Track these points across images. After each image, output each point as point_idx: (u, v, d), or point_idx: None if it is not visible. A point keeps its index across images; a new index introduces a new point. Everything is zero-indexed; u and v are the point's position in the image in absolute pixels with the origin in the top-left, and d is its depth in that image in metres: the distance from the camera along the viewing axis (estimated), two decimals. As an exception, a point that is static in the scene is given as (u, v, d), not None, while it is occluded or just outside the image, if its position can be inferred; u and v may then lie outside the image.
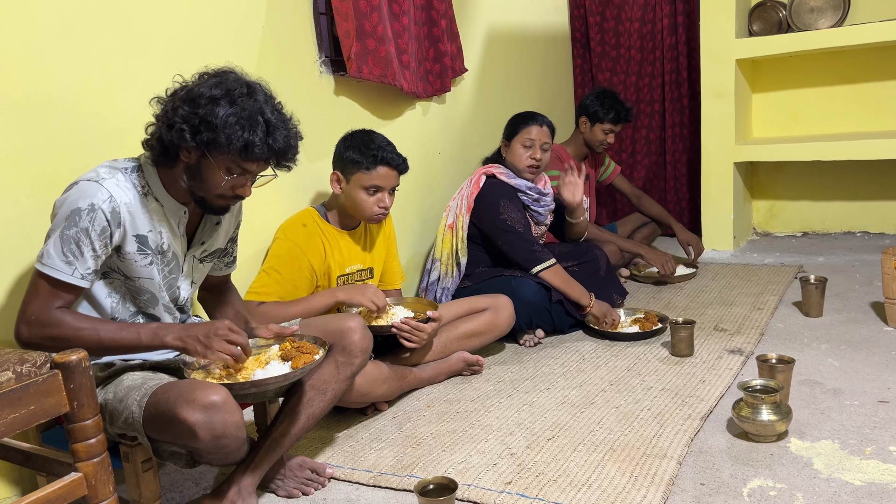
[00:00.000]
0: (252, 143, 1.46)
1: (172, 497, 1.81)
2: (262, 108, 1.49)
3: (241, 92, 1.48)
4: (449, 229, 2.83)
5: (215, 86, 1.47)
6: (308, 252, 2.22)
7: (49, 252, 1.44)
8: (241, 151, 1.47)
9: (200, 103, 1.45)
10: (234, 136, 1.45)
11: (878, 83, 3.87)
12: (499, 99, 3.75)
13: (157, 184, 1.56)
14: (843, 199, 4.10)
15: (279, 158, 1.55)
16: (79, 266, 1.45)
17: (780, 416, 1.81)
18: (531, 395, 2.23)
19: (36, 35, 1.70)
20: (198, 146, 1.47)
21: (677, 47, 4.26)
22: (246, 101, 1.47)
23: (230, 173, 1.51)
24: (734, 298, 3.05)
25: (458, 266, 2.80)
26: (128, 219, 1.50)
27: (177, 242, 1.62)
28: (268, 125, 1.49)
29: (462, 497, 1.67)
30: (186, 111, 1.46)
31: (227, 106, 1.45)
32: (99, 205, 1.44)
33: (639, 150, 4.52)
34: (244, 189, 1.56)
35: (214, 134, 1.45)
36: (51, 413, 1.16)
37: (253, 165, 1.52)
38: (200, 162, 1.50)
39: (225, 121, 1.44)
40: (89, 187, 1.46)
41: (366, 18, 2.59)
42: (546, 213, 2.92)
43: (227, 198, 1.57)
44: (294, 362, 1.62)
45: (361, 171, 2.23)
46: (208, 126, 1.45)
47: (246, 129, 1.45)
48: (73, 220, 1.43)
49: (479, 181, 2.81)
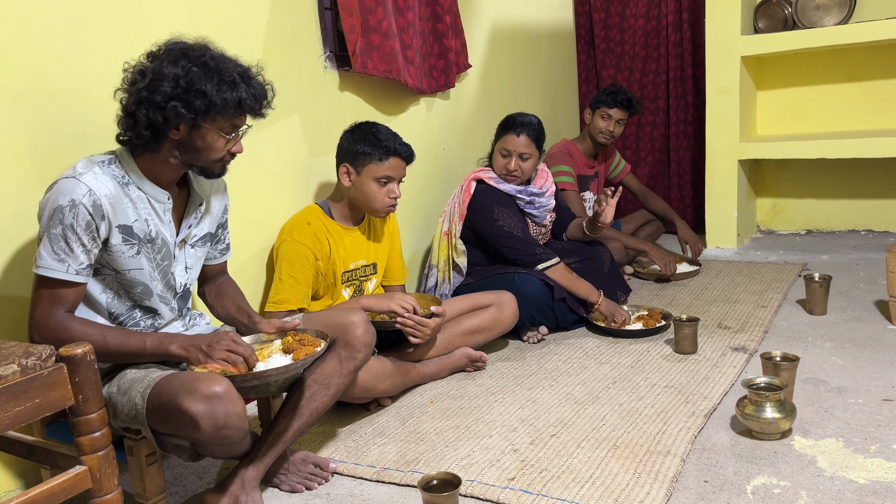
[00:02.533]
0: (242, 98, 1.52)
1: (176, 491, 1.82)
2: (228, 66, 1.54)
3: (201, 56, 1.52)
4: (445, 236, 2.80)
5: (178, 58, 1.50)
6: (315, 250, 2.21)
7: (41, 254, 1.46)
8: (237, 108, 1.53)
9: (179, 75, 1.48)
10: (228, 96, 1.50)
11: (883, 81, 3.85)
12: (502, 95, 3.75)
13: (136, 172, 1.57)
14: (847, 197, 4.09)
15: (261, 106, 1.60)
16: (71, 262, 1.46)
17: (784, 414, 1.80)
18: (534, 391, 2.23)
19: (39, 28, 1.70)
20: (195, 117, 1.50)
21: (682, 44, 4.25)
22: (216, 63, 1.52)
23: (225, 133, 1.56)
24: (738, 296, 3.05)
25: (457, 270, 2.78)
26: (110, 210, 1.50)
27: (165, 229, 1.62)
28: (243, 78, 1.54)
29: (465, 493, 1.67)
30: (169, 89, 1.47)
31: (202, 71, 1.49)
32: (79, 200, 1.45)
33: (642, 147, 4.51)
34: (238, 146, 1.62)
35: (208, 100, 1.49)
36: (56, 406, 1.16)
37: (242, 120, 1.59)
38: (192, 133, 1.54)
39: (213, 87, 1.48)
40: (67, 184, 1.47)
41: (371, 13, 2.59)
42: (544, 213, 2.87)
43: (225, 160, 1.62)
44: (296, 354, 1.63)
45: (374, 162, 2.23)
46: (198, 94, 1.48)
47: (232, 87, 1.51)
48: (57, 219, 1.44)
49: (469, 188, 2.76)
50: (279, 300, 2.16)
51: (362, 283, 2.39)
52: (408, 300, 2.20)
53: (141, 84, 1.50)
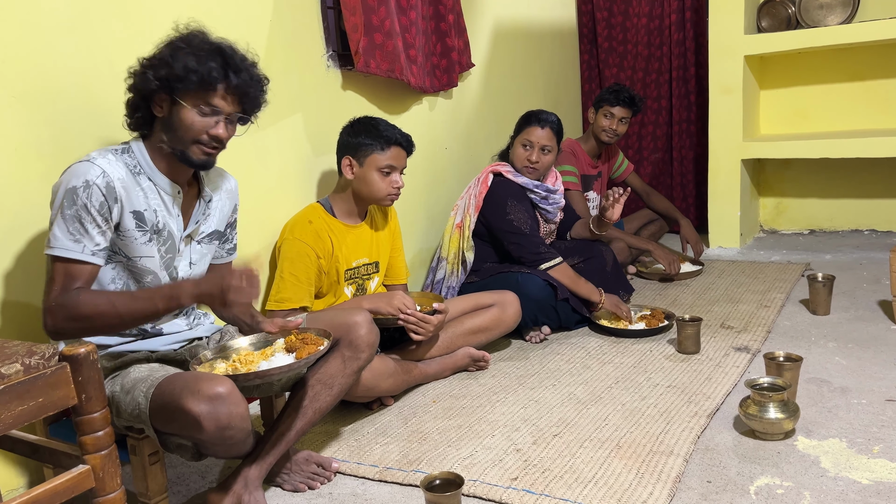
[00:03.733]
0: (210, 70, 1.50)
1: (179, 490, 1.82)
2: (220, 46, 1.55)
3: (200, 38, 1.55)
4: (457, 228, 2.82)
5: (172, 40, 1.55)
6: (317, 248, 2.21)
7: (55, 234, 1.46)
8: (202, 83, 1.51)
9: (162, 51, 1.53)
10: (192, 67, 1.49)
11: (886, 80, 3.85)
12: (505, 94, 3.74)
13: (147, 162, 1.58)
14: (850, 196, 4.09)
15: (242, 92, 1.57)
16: (87, 243, 1.47)
17: (788, 414, 1.80)
18: (537, 391, 2.23)
19: (43, 27, 1.70)
20: (160, 86, 1.50)
21: (685, 43, 4.24)
22: (204, 43, 1.54)
23: (201, 113, 1.54)
24: (741, 296, 3.04)
25: (464, 264, 2.79)
26: (123, 194, 1.51)
27: (172, 222, 1.62)
28: (223, 55, 1.54)
29: (468, 492, 1.67)
30: (148, 60, 1.54)
31: (185, 47, 1.52)
32: (93, 180, 1.46)
33: (645, 147, 4.51)
34: (217, 128, 1.56)
35: (172, 69, 1.49)
36: (59, 405, 1.16)
37: (217, 98, 1.54)
38: (172, 110, 1.54)
39: (183, 58, 1.50)
40: (81, 167, 1.48)
41: (373, 13, 2.58)
42: (556, 210, 2.91)
43: (204, 143, 1.56)
44: (298, 353, 1.62)
45: (376, 152, 2.24)
46: (165, 64, 1.50)
47: (202, 60, 1.51)
48: (71, 199, 1.45)
49: (486, 180, 2.79)
50: (280, 298, 2.17)
51: (364, 282, 2.39)
52: (407, 301, 2.20)
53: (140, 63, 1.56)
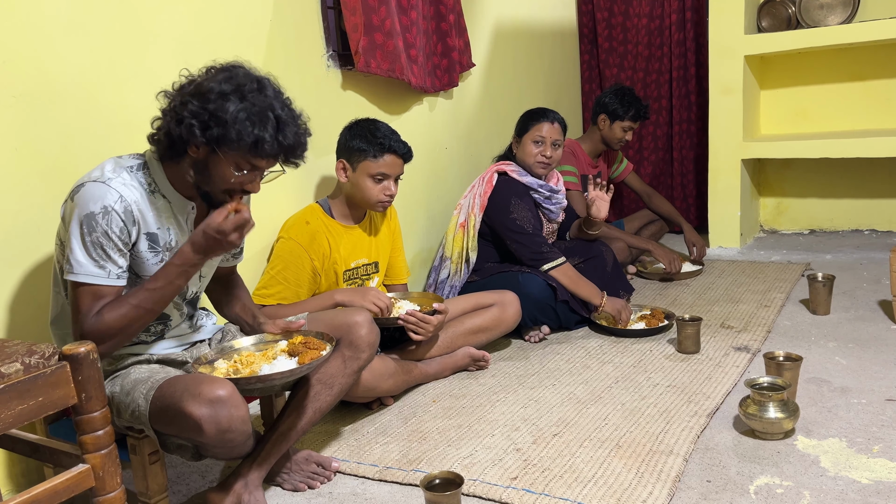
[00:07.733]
0: (262, 139, 1.45)
1: (179, 490, 1.82)
2: (273, 104, 1.48)
3: (251, 87, 1.47)
4: (461, 228, 2.81)
5: (225, 80, 1.46)
6: (311, 250, 2.21)
7: (79, 261, 1.44)
8: (252, 148, 1.45)
9: (210, 98, 1.43)
10: (245, 132, 1.43)
11: (887, 80, 3.84)
12: (506, 94, 3.74)
13: (163, 180, 1.56)
14: (851, 196, 4.08)
15: (288, 155, 1.54)
16: (111, 267, 1.46)
17: (788, 414, 1.80)
18: (537, 390, 2.23)
19: (44, 28, 1.70)
20: (207, 142, 1.45)
21: (685, 43, 4.24)
22: (256, 96, 1.46)
23: (239, 169, 1.49)
24: (741, 296, 3.04)
25: (468, 264, 2.79)
26: (139, 217, 1.50)
27: (185, 239, 1.61)
28: (278, 121, 1.48)
29: (468, 492, 1.67)
30: (196, 106, 1.44)
31: (238, 101, 1.44)
32: (112, 206, 1.44)
33: (646, 147, 4.51)
34: (253, 185, 1.55)
35: (224, 130, 1.43)
36: (59, 405, 1.16)
37: (262, 162, 1.51)
38: (209, 158, 1.48)
39: (235, 117, 1.42)
40: (97, 190, 1.45)
41: (374, 12, 2.59)
42: (558, 210, 2.91)
43: (234, 193, 1.54)
44: (301, 358, 1.63)
45: (368, 159, 2.23)
46: (218, 122, 1.43)
47: (256, 125, 1.44)
48: (91, 226, 1.43)
49: (491, 179, 2.79)
50: (264, 294, 2.18)
51: (364, 282, 2.39)
52: (381, 298, 2.17)
53: (181, 91, 1.48)
